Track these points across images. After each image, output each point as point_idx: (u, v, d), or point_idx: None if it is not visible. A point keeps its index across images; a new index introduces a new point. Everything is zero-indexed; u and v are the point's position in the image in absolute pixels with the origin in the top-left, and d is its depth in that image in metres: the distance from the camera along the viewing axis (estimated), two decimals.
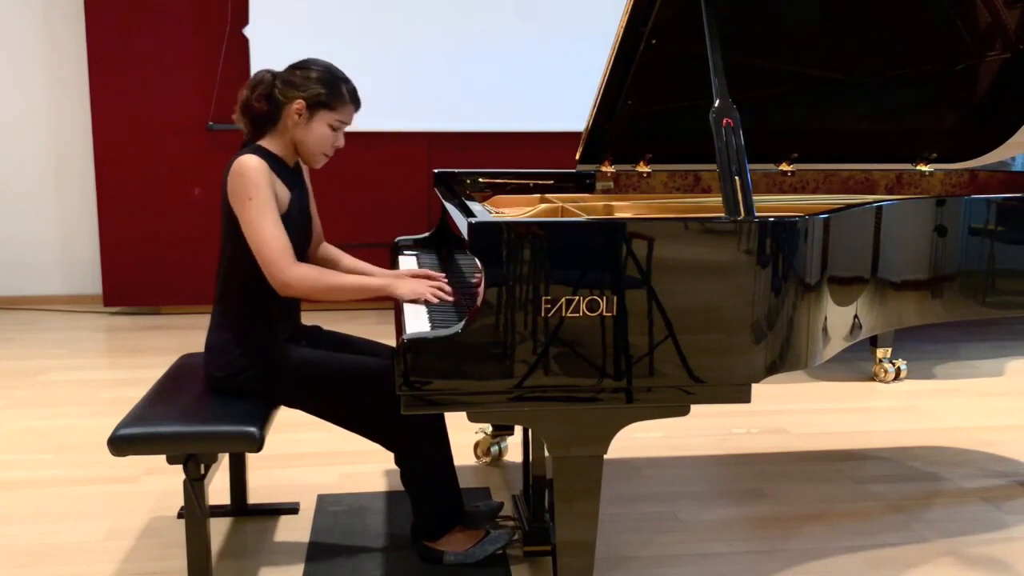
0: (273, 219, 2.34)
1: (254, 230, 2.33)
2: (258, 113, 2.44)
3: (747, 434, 3.64)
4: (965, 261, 2.59)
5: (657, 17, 2.53)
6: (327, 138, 2.45)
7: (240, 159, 2.35)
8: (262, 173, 2.33)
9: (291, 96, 2.40)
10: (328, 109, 2.42)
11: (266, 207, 2.33)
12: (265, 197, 2.33)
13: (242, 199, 2.33)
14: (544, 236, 1.95)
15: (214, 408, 2.37)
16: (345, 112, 2.45)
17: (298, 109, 2.40)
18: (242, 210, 2.34)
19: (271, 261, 2.32)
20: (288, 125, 2.43)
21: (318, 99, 2.41)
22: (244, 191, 2.32)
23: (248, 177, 2.32)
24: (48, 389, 4.16)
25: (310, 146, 2.45)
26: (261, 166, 2.34)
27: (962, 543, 2.74)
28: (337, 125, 2.45)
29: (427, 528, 2.54)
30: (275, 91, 2.42)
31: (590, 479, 2.08)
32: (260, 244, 2.32)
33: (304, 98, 2.40)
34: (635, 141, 2.98)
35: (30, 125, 5.71)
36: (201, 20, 5.36)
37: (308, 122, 2.42)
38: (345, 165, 5.55)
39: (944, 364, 4.61)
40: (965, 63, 2.94)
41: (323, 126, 2.43)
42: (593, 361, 1.98)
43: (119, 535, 2.77)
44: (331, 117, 2.43)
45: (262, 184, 2.33)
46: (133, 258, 5.54)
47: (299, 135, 2.43)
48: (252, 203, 2.32)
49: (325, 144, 2.46)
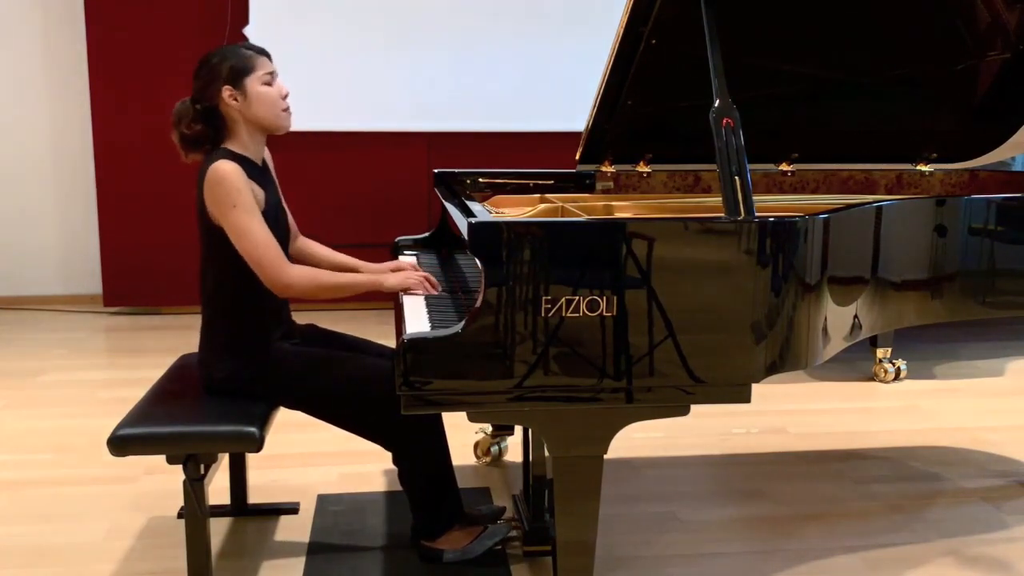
0: (259, 221, 2.32)
1: (244, 236, 2.30)
2: (200, 135, 2.42)
3: (747, 434, 3.64)
4: (965, 261, 2.59)
5: (657, 17, 2.53)
6: (270, 95, 2.41)
7: (214, 166, 2.31)
8: (240, 177, 2.31)
9: (214, 91, 2.38)
10: (247, 72, 2.39)
11: (251, 211, 2.31)
12: (248, 201, 2.31)
13: (225, 206, 2.30)
14: (544, 236, 1.95)
15: (214, 408, 2.36)
16: (262, 64, 2.42)
17: (229, 94, 2.38)
18: (226, 218, 2.30)
19: (268, 265, 2.30)
20: (235, 117, 2.40)
21: (233, 71, 2.38)
22: (227, 198, 2.29)
23: (228, 183, 2.29)
24: (48, 389, 4.16)
25: (264, 112, 2.41)
26: (236, 170, 2.31)
27: (962, 543, 2.74)
28: (267, 79, 2.41)
29: (426, 528, 2.53)
30: (199, 104, 2.40)
31: (590, 479, 2.08)
32: (253, 249, 2.30)
33: (224, 80, 2.38)
34: (635, 141, 2.98)
35: (30, 126, 5.71)
36: (201, 20, 5.36)
37: (245, 95, 2.39)
38: (345, 165, 5.59)
39: (944, 364, 4.60)
40: (965, 63, 2.94)
41: (258, 86, 2.39)
42: (593, 361, 1.98)
43: (119, 535, 2.77)
44: (257, 76, 2.40)
45: (243, 188, 2.30)
46: (133, 258, 5.54)
47: (249, 113, 2.40)
48: (237, 209, 2.29)
49: (274, 100, 2.42)
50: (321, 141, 5.41)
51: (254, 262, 2.32)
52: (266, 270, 2.31)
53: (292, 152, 2.60)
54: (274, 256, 2.31)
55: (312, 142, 5.34)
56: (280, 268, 2.32)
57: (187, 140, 2.44)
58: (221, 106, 2.40)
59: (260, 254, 2.30)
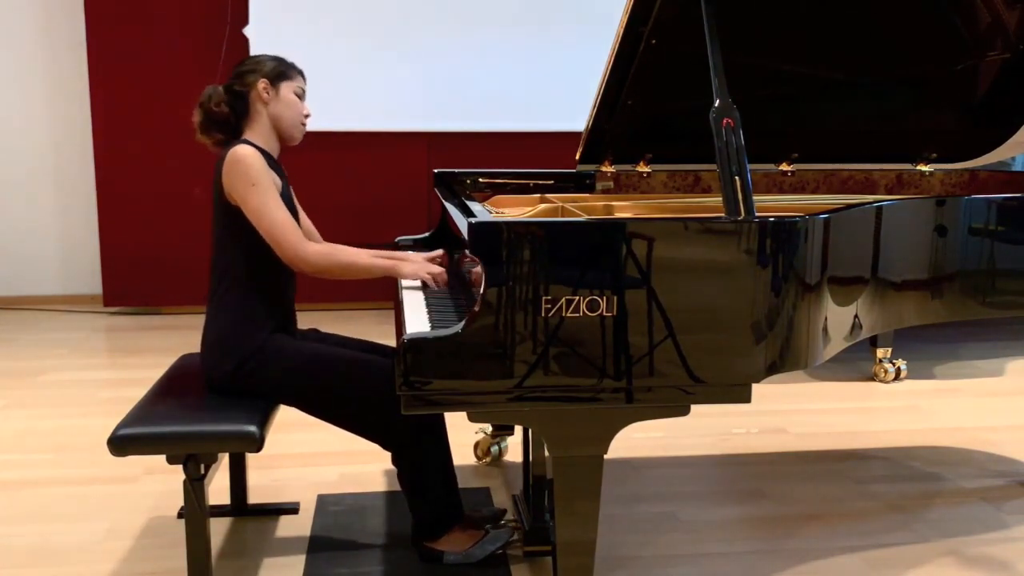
0: (277, 199, 2.40)
1: (263, 214, 2.37)
2: (223, 117, 2.52)
3: (747, 434, 3.64)
4: (965, 261, 2.59)
5: (657, 17, 2.53)
6: (298, 104, 2.56)
7: (234, 149, 2.40)
8: (259, 160, 2.40)
9: (251, 80, 2.51)
10: (287, 79, 2.54)
11: (269, 190, 2.38)
12: (267, 181, 2.39)
13: (244, 186, 2.36)
14: (544, 236, 1.95)
15: (214, 408, 2.36)
16: (299, 80, 2.58)
17: (264, 87, 2.50)
18: (246, 197, 2.37)
19: (285, 239, 2.37)
20: (260, 109, 2.51)
21: (276, 71, 2.53)
22: (246, 177, 2.36)
23: (248, 163, 2.37)
24: (48, 389, 4.16)
25: (288, 116, 2.54)
26: (256, 153, 2.41)
27: (962, 543, 2.74)
28: (299, 92, 2.57)
29: (426, 528, 2.53)
30: (234, 87, 2.52)
31: (590, 479, 2.08)
32: (271, 225, 2.37)
33: (264, 74, 2.51)
34: (635, 141, 2.98)
35: (30, 126, 5.71)
36: (201, 20, 5.36)
37: (277, 94, 2.52)
38: (345, 165, 5.59)
39: (944, 364, 4.61)
40: (965, 63, 2.94)
41: (290, 93, 2.54)
42: (593, 361, 1.98)
43: (119, 535, 2.77)
44: (292, 85, 2.55)
45: (262, 169, 2.39)
46: (133, 258, 5.54)
47: (274, 111, 2.52)
48: (256, 188, 2.36)
49: (298, 111, 2.56)
50: (321, 141, 5.40)
51: (273, 239, 2.37)
52: (284, 246, 2.37)
53: (293, 152, 2.61)
54: (292, 231, 2.38)
55: (312, 142, 5.29)
56: (299, 243, 2.38)
57: (209, 120, 2.52)
58: (252, 95, 2.51)
59: (279, 231, 2.37)
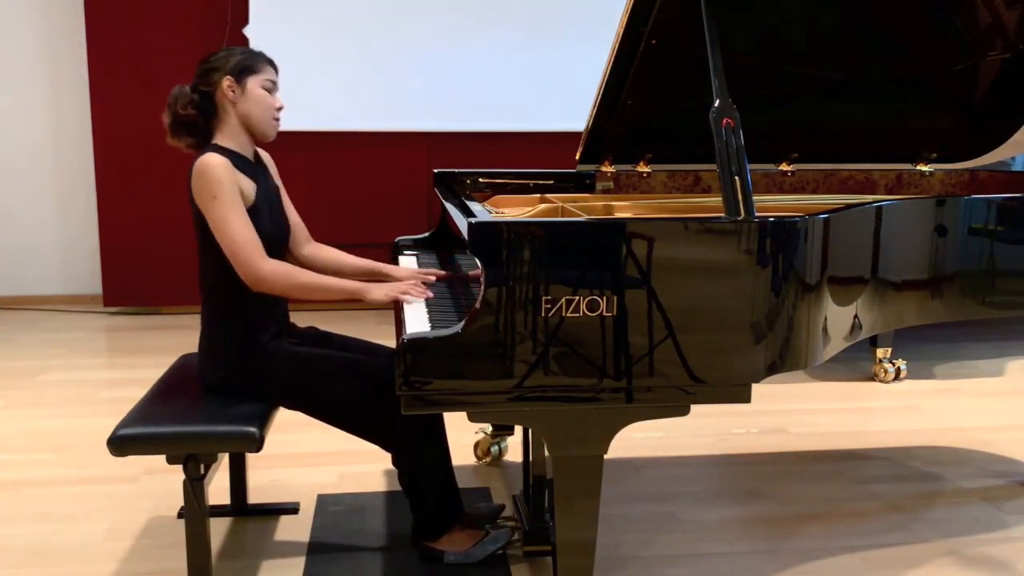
0: (239, 214, 2.35)
1: (221, 227, 2.34)
2: (191, 120, 2.46)
3: (747, 434, 3.64)
4: (965, 261, 2.59)
5: (657, 17, 2.53)
6: (267, 99, 2.47)
7: (201, 159, 2.36)
8: (224, 169, 2.34)
9: (216, 79, 2.43)
10: (253, 72, 2.45)
11: (231, 203, 2.34)
12: (229, 193, 2.34)
13: (207, 198, 2.34)
14: (544, 236, 1.94)
15: (214, 408, 2.36)
16: (268, 71, 2.48)
17: (229, 85, 2.43)
18: (208, 209, 2.35)
19: (238, 255, 2.33)
20: (227, 109, 2.45)
21: (240, 66, 2.44)
22: (208, 189, 2.33)
23: (210, 175, 2.33)
24: (48, 389, 4.16)
25: (257, 114, 2.46)
26: (222, 162, 2.35)
27: (962, 543, 2.74)
28: (268, 86, 2.47)
29: (426, 528, 2.53)
30: (198, 87, 2.45)
31: (590, 479, 2.08)
32: (228, 240, 2.34)
33: (228, 71, 2.43)
34: (635, 141, 2.98)
35: (30, 125, 5.71)
36: (201, 20, 5.36)
37: (243, 92, 2.44)
38: (345, 165, 5.59)
39: (944, 364, 4.60)
40: (965, 63, 2.94)
41: (257, 89, 2.45)
42: (593, 361, 1.98)
43: (119, 535, 2.77)
44: (259, 79, 2.45)
45: (225, 180, 2.34)
46: (133, 258, 5.54)
47: (242, 109, 2.45)
48: (217, 201, 2.33)
49: (268, 106, 2.47)
50: (321, 141, 5.42)
51: (230, 254, 2.35)
52: (239, 262, 2.34)
53: (293, 152, 2.61)
54: (246, 248, 2.33)
55: (312, 142, 5.34)
56: (253, 261, 2.34)
57: (177, 123, 2.47)
58: (218, 95, 2.44)
59: (236, 248, 2.33)
